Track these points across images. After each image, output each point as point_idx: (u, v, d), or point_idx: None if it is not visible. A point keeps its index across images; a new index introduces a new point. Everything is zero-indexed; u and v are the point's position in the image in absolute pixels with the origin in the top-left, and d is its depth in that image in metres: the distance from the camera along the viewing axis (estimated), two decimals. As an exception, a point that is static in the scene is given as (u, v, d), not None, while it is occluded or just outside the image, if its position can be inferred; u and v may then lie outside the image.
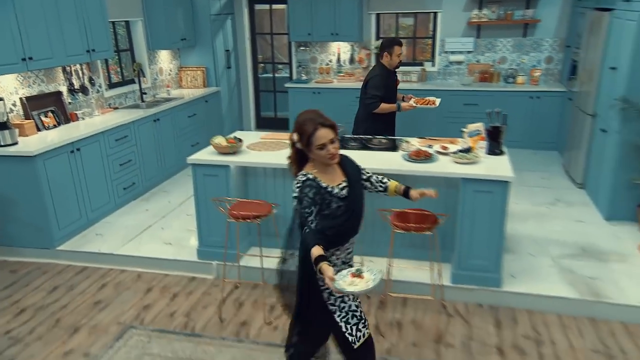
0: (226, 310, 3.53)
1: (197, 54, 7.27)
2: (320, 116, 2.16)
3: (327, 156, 2.14)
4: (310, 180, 2.15)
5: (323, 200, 2.15)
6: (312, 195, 2.12)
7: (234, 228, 3.65)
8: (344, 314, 2.23)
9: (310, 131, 2.10)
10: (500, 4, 6.81)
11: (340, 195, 2.19)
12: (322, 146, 2.11)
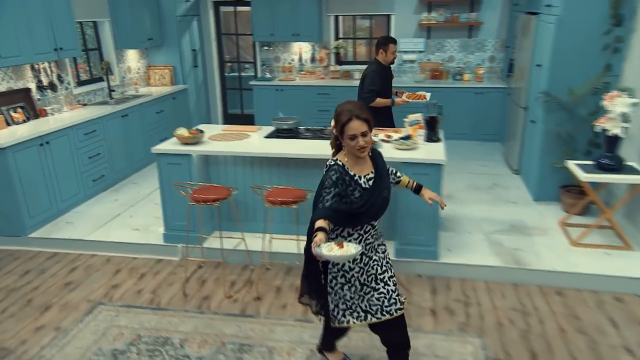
0: (190, 287, 3.73)
1: (164, 54, 7.39)
2: (357, 108, 2.18)
3: (356, 147, 2.16)
4: (339, 166, 2.21)
5: (347, 187, 2.20)
6: (335, 179, 2.18)
7: (197, 212, 3.85)
8: (337, 298, 2.34)
9: (344, 121, 2.14)
10: (447, 7, 7.19)
11: (365, 185, 2.24)
12: (353, 137, 2.14)
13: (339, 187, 2.18)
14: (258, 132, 4.43)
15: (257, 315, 3.37)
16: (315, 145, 3.97)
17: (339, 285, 2.33)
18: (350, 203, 2.20)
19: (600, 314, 3.28)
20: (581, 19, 4.25)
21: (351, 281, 2.33)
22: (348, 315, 2.36)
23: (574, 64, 4.39)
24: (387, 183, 2.37)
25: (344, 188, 2.20)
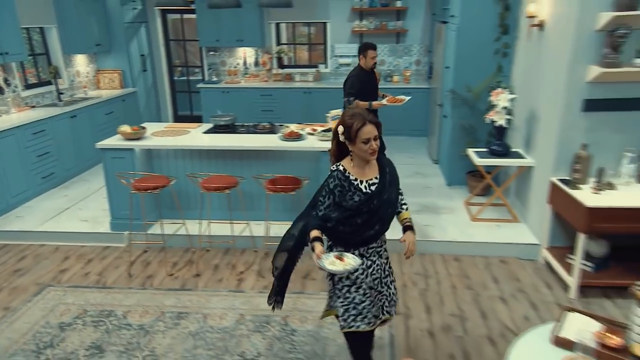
0: (135, 268, 3.97)
1: (113, 58, 7.49)
2: (367, 113, 2.15)
3: (368, 151, 2.12)
4: (339, 172, 2.16)
5: (346, 192, 2.15)
6: (332, 187, 2.15)
7: (140, 200, 4.08)
8: (347, 302, 2.26)
9: (359, 126, 2.08)
10: (376, 16, 7.69)
11: (365, 190, 2.18)
12: (367, 140, 2.10)
13: (335, 194, 2.16)
14: (198, 129, 4.71)
15: (195, 288, 3.66)
16: (247, 139, 4.30)
17: (345, 287, 2.26)
18: (345, 210, 2.16)
19: (486, 274, 3.79)
20: (476, 27, 4.80)
21: (356, 282, 2.25)
22: (359, 321, 2.26)
23: (472, 66, 4.93)
24: (394, 193, 2.27)
25: (342, 195, 2.16)
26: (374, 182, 2.21)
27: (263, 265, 4.00)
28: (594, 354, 1.82)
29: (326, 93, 7.60)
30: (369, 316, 2.27)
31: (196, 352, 2.92)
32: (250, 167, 4.31)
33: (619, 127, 3.53)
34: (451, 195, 5.13)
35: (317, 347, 2.95)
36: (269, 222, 4.03)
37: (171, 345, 2.98)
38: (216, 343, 3.01)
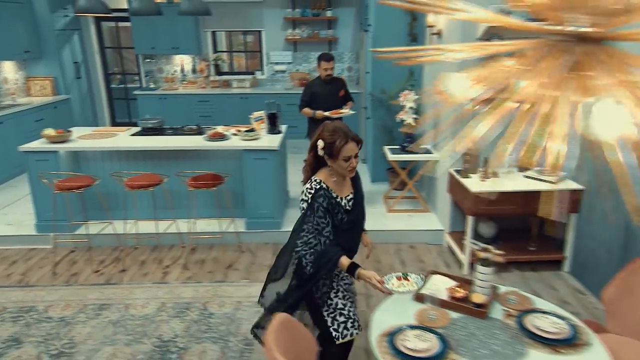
0: (60, 267, 4.07)
1: (44, 65, 7.44)
2: (349, 130, 2.12)
3: (348, 168, 2.12)
4: (324, 189, 2.12)
5: (332, 210, 2.14)
6: (326, 205, 2.11)
7: (64, 200, 4.18)
8: (332, 310, 2.22)
9: (341, 143, 2.05)
10: (309, 25, 8.09)
11: (346, 207, 2.19)
12: (348, 158, 2.09)
13: (330, 212, 2.13)
14: (126, 132, 4.86)
15: (120, 282, 3.81)
16: (173, 140, 4.51)
17: (325, 295, 2.24)
18: (339, 231, 2.16)
19: (395, 258, 4.18)
20: (389, 35, 5.25)
21: (333, 286, 2.26)
22: (350, 328, 2.22)
23: (388, 71, 5.37)
24: (363, 207, 2.34)
25: (332, 213, 2.14)
26: (351, 198, 2.23)
27: (189, 259, 4.20)
28: (439, 303, 2.19)
29: (263, 98, 7.81)
30: (356, 318, 2.24)
31: (115, 338, 3.10)
32: (177, 167, 4.50)
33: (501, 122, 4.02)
34: (373, 191, 5.53)
35: (231, 327, 3.20)
36: (194, 219, 4.24)
37: (90, 334, 3.14)
38: (136, 329, 3.19)
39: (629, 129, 0.90)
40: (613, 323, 2.37)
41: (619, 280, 2.35)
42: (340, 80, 4.88)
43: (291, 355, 1.80)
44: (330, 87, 4.73)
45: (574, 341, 1.96)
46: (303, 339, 2.03)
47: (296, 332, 2.01)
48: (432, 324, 2.10)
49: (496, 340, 1.99)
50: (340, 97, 4.80)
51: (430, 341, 1.95)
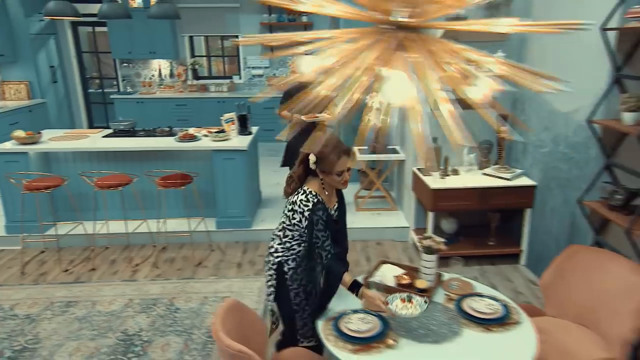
0: (29, 267, 4.10)
1: (19, 69, 7.46)
2: (342, 144, 2.12)
3: (341, 182, 2.14)
4: (321, 203, 2.12)
5: (328, 222, 2.16)
6: (326, 218, 2.12)
7: (34, 201, 4.21)
8: (305, 315, 2.26)
9: (335, 159, 2.06)
10: (285, 30, 8.22)
11: (334, 217, 2.24)
12: (341, 173, 2.10)
13: (327, 223, 2.14)
14: (98, 134, 4.91)
15: (88, 281, 3.86)
16: (144, 141, 4.58)
17: (304, 301, 2.27)
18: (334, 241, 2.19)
19: (361, 254, 4.30)
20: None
21: (312, 293, 2.30)
22: (311, 337, 2.28)
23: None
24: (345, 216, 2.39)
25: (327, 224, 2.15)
26: (336, 208, 2.28)
27: (159, 257, 4.27)
28: (384, 289, 2.31)
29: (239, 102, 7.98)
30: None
31: (80, 333, 3.15)
32: (148, 168, 4.56)
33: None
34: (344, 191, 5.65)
35: (196, 320, 3.28)
36: (165, 219, 4.31)
37: (55, 330, 3.19)
38: (101, 324, 3.25)
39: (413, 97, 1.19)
40: (550, 306, 2.52)
41: (554, 266, 2.50)
42: None
43: (238, 336, 1.89)
44: None
45: (505, 320, 2.10)
46: (252, 323, 2.13)
47: (245, 316, 2.11)
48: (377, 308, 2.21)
49: (434, 321, 2.11)
50: None
51: (372, 323, 2.07)
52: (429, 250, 2.39)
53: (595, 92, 2.90)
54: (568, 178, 3.31)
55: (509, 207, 3.99)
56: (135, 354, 2.94)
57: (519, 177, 3.87)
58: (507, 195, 3.79)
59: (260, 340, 2.13)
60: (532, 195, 3.78)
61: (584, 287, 2.38)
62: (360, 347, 1.96)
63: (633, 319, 2.05)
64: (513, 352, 1.92)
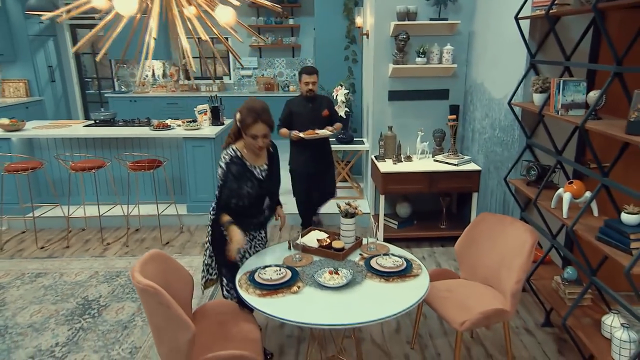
0: (8, 245, 4.38)
1: (18, 68, 7.83)
2: (264, 111, 2.26)
3: (255, 146, 2.30)
4: (238, 158, 2.32)
5: (242, 176, 2.32)
6: (235, 173, 2.29)
7: (16, 184, 4.49)
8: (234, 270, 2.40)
9: (250, 122, 2.24)
10: (273, 32, 8.53)
11: (258, 176, 2.38)
12: (254, 137, 2.27)
13: (238, 179, 2.31)
14: (80, 124, 5.21)
15: (61, 256, 4.13)
16: (121, 130, 4.86)
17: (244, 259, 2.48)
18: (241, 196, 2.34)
19: (321, 236, 4.50)
20: (329, 38, 5.67)
21: (245, 255, 2.52)
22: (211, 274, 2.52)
23: (331, 70, 5.77)
24: (278, 177, 2.54)
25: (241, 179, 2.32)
26: (265, 169, 2.42)
27: (131, 237, 4.52)
28: (301, 248, 2.53)
29: (228, 100, 8.26)
30: None
31: (44, 298, 3.40)
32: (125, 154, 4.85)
33: (415, 113, 4.41)
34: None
35: (152, 290, 3.51)
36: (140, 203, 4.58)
37: (22, 295, 3.45)
38: (65, 291, 3.50)
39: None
40: (463, 271, 2.71)
41: (466, 233, 2.70)
42: (325, 99, 4.16)
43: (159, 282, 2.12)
44: (312, 106, 4.01)
45: (405, 273, 2.30)
46: (176, 273, 2.35)
47: (170, 266, 2.33)
48: (295, 264, 2.44)
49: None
50: (323, 118, 4.03)
51: (284, 274, 2.29)
52: (347, 214, 2.61)
53: (519, 78, 3.11)
54: (501, 160, 3.51)
55: (457, 190, 4.20)
56: (90, 315, 3.18)
57: (467, 163, 4.07)
58: (454, 179, 3.99)
59: (185, 288, 2.36)
60: (477, 179, 3.98)
61: (489, 250, 2.57)
62: (267, 292, 2.17)
63: (518, 272, 2.24)
64: (401, 297, 2.12)
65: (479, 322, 2.27)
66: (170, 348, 1.99)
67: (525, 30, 2.98)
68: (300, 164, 4.11)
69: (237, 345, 2.11)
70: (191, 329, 1.93)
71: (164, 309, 1.90)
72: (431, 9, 4.10)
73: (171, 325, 1.94)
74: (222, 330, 2.26)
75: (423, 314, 3.11)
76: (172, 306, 1.90)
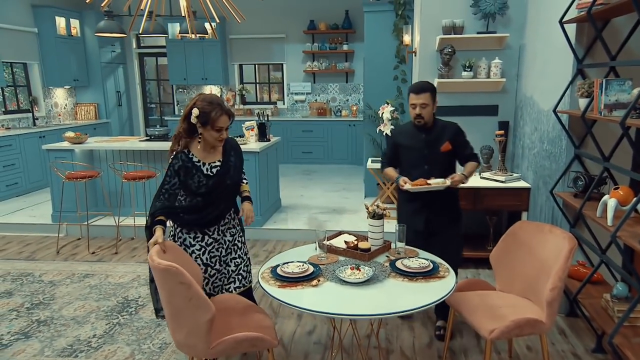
0: (64, 249, 4.78)
1: (90, 93, 8.72)
2: (223, 102, 2.31)
3: (218, 138, 2.33)
4: (183, 154, 2.34)
5: (187, 173, 2.33)
6: (177, 168, 2.32)
7: (75, 194, 4.95)
8: None
9: (217, 115, 2.26)
10: (327, 57, 8.89)
11: (207, 172, 2.37)
12: (219, 129, 2.30)
13: (180, 175, 2.33)
14: (137, 139, 5.68)
15: (109, 261, 4.45)
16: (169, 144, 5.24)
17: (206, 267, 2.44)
18: (191, 193, 2.37)
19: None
20: (378, 58, 5.84)
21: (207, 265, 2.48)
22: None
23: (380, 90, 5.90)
24: (235, 175, 2.50)
25: (187, 176, 2.34)
26: (216, 165, 2.42)
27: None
28: (327, 249, 2.60)
29: (281, 124, 8.64)
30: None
31: (88, 295, 3.68)
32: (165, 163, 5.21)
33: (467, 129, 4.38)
34: (362, 203, 5.94)
35: (188, 294, 3.69)
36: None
37: (69, 292, 3.75)
38: (108, 291, 3.77)
39: None
40: (500, 282, 2.64)
41: (502, 241, 2.64)
42: (449, 127, 2.95)
43: None
44: (425, 137, 2.90)
45: (430, 274, 2.29)
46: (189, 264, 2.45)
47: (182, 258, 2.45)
48: (319, 262, 2.50)
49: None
50: (442, 154, 2.89)
51: (306, 269, 2.36)
52: (374, 215, 2.66)
53: (566, 85, 3.06)
54: (549, 174, 3.41)
55: (504, 209, 4.08)
56: (128, 313, 3.40)
57: (516, 180, 3.97)
58: (501, 197, 3.89)
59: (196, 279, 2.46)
60: (527, 198, 3.86)
61: (527, 260, 2.49)
62: (288, 284, 2.25)
63: (553, 278, 2.16)
64: (423, 294, 2.11)
65: (510, 332, 2.19)
66: (190, 330, 2.10)
67: (571, 35, 2.96)
68: (407, 215, 2.99)
69: (254, 329, 2.19)
70: (211, 309, 2.04)
71: (185, 289, 2.03)
72: (479, 22, 4.14)
73: (191, 306, 2.06)
74: (236, 319, 2.34)
75: (459, 331, 3.02)
76: (193, 285, 2.03)
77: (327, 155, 8.76)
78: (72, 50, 8.07)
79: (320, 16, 8.70)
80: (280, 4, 8.56)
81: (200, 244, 2.49)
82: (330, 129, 8.64)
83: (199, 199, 2.40)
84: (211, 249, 2.52)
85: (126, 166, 5.09)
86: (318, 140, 8.75)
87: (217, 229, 2.52)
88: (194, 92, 9.44)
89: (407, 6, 5.54)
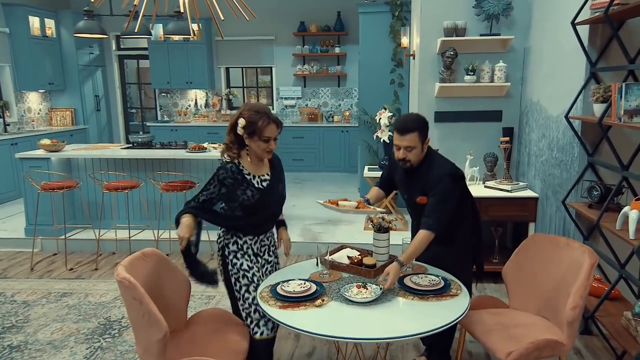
0: (39, 266, 4.63)
1: (67, 97, 8.54)
2: (270, 111, 2.30)
3: (266, 149, 2.30)
4: (234, 164, 2.31)
5: (236, 185, 2.29)
6: (222, 177, 2.28)
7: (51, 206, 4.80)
8: (247, 305, 2.34)
9: (264, 124, 2.23)
10: (318, 61, 8.84)
11: (258, 185, 2.35)
12: (267, 139, 2.27)
13: (225, 186, 2.29)
14: (119, 146, 5.55)
15: (88, 278, 4.30)
16: (157, 152, 5.13)
17: (244, 288, 2.36)
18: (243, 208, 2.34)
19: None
20: (373, 61, 5.81)
21: (254, 280, 2.37)
22: (262, 326, 2.31)
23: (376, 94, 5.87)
24: (282, 190, 2.51)
25: (233, 188, 2.29)
26: (266, 179, 2.39)
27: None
28: (330, 265, 2.52)
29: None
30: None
31: (67, 317, 3.54)
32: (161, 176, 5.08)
33: (464, 135, 4.35)
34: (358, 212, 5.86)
35: (176, 314, 3.57)
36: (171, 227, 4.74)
37: (46, 313, 3.60)
38: (88, 311, 3.63)
39: None
40: (512, 299, 2.58)
41: (515, 255, 2.58)
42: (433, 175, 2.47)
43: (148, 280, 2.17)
44: (406, 179, 2.66)
45: (441, 292, 2.22)
46: (171, 274, 2.39)
47: (164, 267, 2.39)
48: (322, 280, 2.42)
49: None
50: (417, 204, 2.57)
51: (308, 287, 2.27)
52: (379, 228, 2.58)
53: (577, 90, 3.04)
54: (560, 183, 3.37)
55: (510, 219, 4.04)
56: (110, 335, 3.27)
57: (522, 189, 3.94)
58: (507, 207, 3.85)
59: (179, 291, 2.42)
60: (534, 208, 3.82)
61: (542, 276, 2.44)
62: (289, 304, 2.16)
63: (574, 296, 2.10)
64: (436, 316, 2.04)
65: (529, 354, 2.12)
66: (144, 347, 2.05)
67: (584, 37, 2.94)
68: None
69: (217, 354, 2.13)
70: (163, 328, 1.95)
71: (137, 304, 1.96)
72: (482, 24, 4.12)
73: (144, 323, 1.99)
74: (209, 338, 2.30)
75: (469, 352, 2.95)
76: (144, 301, 1.95)
77: (319, 163, 8.70)
78: (46, 51, 7.91)
79: (311, 17, 8.66)
80: (269, 5, 8.51)
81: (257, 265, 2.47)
82: (322, 136, 8.59)
83: (249, 213, 2.37)
84: (265, 270, 2.53)
85: (107, 175, 4.95)
86: (309, 147, 8.68)
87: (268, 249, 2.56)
88: (177, 97, 9.34)
89: (404, 7, 5.53)
